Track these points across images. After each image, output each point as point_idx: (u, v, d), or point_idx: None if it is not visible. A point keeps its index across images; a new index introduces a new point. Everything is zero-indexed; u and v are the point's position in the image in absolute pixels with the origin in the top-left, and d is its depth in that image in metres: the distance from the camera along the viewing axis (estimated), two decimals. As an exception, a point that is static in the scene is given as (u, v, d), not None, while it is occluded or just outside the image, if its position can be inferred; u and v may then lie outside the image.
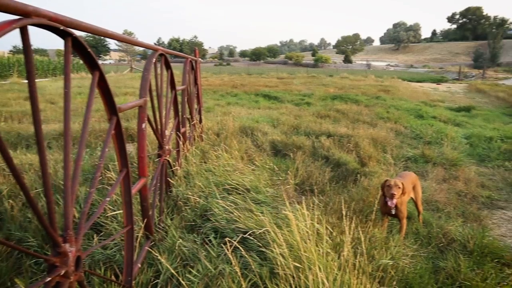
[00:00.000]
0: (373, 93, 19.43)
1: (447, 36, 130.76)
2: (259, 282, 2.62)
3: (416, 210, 4.30)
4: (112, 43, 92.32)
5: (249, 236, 3.00)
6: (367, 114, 11.74)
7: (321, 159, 6.42)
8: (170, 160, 4.49)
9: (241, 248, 2.80)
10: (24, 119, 9.27)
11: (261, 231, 3.01)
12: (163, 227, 3.59)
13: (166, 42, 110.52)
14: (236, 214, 3.48)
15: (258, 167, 5.22)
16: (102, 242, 2.69)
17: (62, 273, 1.66)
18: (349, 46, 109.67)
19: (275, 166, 5.28)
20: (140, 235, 3.06)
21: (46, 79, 30.34)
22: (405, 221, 3.85)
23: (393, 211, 3.75)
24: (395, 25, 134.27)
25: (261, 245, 3.00)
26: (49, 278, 1.58)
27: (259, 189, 4.31)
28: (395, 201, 3.67)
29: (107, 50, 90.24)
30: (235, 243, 2.73)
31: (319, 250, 2.74)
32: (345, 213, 3.13)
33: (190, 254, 3.12)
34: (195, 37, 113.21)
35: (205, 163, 5.16)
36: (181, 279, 2.59)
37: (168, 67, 4.26)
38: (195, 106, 6.62)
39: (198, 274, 2.81)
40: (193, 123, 6.23)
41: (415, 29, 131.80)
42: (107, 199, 2.33)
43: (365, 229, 3.47)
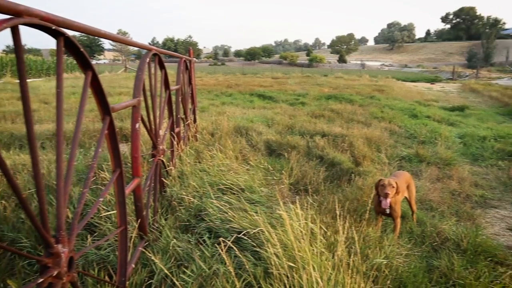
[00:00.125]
0: (367, 92, 19.47)
1: (441, 36, 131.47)
2: (253, 282, 2.62)
3: (410, 209, 4.31)
4: (107, 43, 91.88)
5: (243, 236, 3.00)
6: (361, 114, 11.77)
7: (316, 158, 6.43)
8: (164, 160, 4.48)
9: (235, 248, 2.79)
10: (18, 119, 9.20)
11: (255, 231, 3.02)
12: (157, 227, 3.58)
13: (160, 42, 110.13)
14: (230, 214, 3.48)
15: (252, 167, 5.22)
16: (95, 242, 2.68)
17: (54, 274, 1.65)
18: (344, 46, 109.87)
19: (270, 166, 5.29)
20: (134, 235, 3.05)
21: (40, 79, 30.13)
22: (399, 220, 3.87)
23: (387, 210, 3.76)
24: (390, 25, 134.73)
25: (255, 245, 3.00)
26: (42, 279, 1.57)
27: (253, 189, 4.31)
28: (389, 200, 3.68)
29: (101, 50, 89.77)
30: (229, 243, 2.73)
31: (313, 250, 2.75)
32: (339, 212, 3.13)
33: (184, 254, 3.11)
34: (189, 37, 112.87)
35: (199, 163, 5.15)
36: (175, 279, 2.58)
37: (162, 67, 4.25)
38: (190, 106, 6.61)
39: (192, 274, 2.80)
40: (187, 123, 6.22)
41: (409, 29, 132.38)
42: (100, 199, 2.33)
43: (359, 228, 3.48)
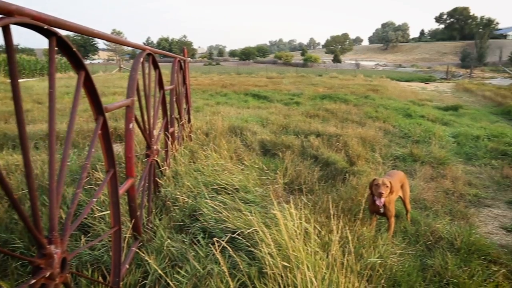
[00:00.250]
0: (362, 92, 19.50)
1: (435, 36, 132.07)
2: (247, 282, 2.62)
3: (404, 209, 4.33)
4: (101, 43, 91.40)
5: (237, 236, 3.00)
6: (356, 114, 11.80)
7: (310, 158, 6.44)
8: (159, 160, 4.46)
9: (230, 248, 2.79)
10: (11, 119, 9.12)
11: (249, 230, 3.02)
12: (151, 227, 3.57)
13: (155, 42, 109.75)
14: (224, 214, 3.47)
15: (247, 166, 5.22)
16: (89, 243, 2.67)
17: (47, 275, 1.64)
18: (338, 46, 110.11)
19: (264, 166, 5.29)
20: (128, 235, 3.04)
21: (33, 78, 29.87)
22: (393, 219, 3.88)
23: (381, 209, 3.78)
24: (384, 25, 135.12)
25: (249, 244, 3.00)
26: (34, 280, 1.56)
27: (248, 189, 4.31)
28: (383, 200, 3.70)
29: (95, 50, 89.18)
30: (224, 243, 2.72)
31: (307, 249, 2.75)
32: (333, 212, 3.14)
33: (179, 255, 3.10)
34: (184, 36, 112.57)
35: (194, 163, 5.14)
36: (169, 279, 2.58)
37: (156, 66, 4.24)
38: (184, 106, 6.59)
39: (186, 275, 2.80)
40: (181, 123, 6.21)
41: (403, 29, 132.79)
42: (94, 199, 2.32)
43: (353, 228, 3.49)
